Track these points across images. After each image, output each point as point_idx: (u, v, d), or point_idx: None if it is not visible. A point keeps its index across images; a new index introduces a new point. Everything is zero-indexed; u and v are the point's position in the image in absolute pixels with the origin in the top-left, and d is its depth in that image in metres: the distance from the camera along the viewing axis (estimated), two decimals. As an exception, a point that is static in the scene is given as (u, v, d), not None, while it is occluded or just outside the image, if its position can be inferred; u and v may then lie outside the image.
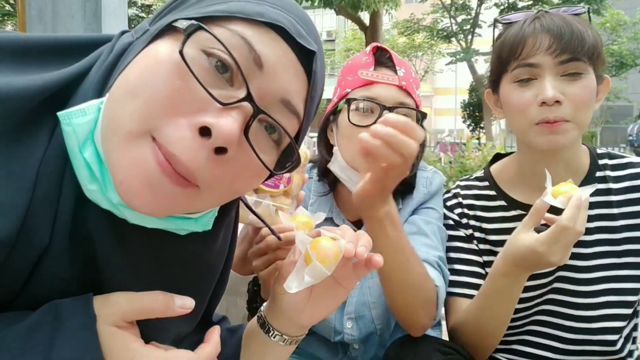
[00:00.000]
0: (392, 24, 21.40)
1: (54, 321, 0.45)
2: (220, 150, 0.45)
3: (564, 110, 0.98)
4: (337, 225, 1.18)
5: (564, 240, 0.87)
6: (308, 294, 0.65)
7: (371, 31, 10.42)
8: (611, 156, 1.16)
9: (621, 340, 1.12)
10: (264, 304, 0.72)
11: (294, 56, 0.50)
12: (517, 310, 1.17)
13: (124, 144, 0.44)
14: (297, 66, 0.51)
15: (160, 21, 0.50)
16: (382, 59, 1.13)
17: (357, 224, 1.19)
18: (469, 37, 19.74)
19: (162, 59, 0.45)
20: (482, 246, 1.19)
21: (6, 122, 0.44)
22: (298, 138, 0.55)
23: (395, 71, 1.12)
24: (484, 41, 20.36)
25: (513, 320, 1.19)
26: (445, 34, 20.44)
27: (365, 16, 10.54)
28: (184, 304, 0.51)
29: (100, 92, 0.49)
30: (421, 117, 1.14)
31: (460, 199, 1.23)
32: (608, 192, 1.12)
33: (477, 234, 1.19)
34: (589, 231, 1.10)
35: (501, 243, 1.17)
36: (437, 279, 1.03)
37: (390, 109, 1.07)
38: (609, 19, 18.50)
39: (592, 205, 1.10)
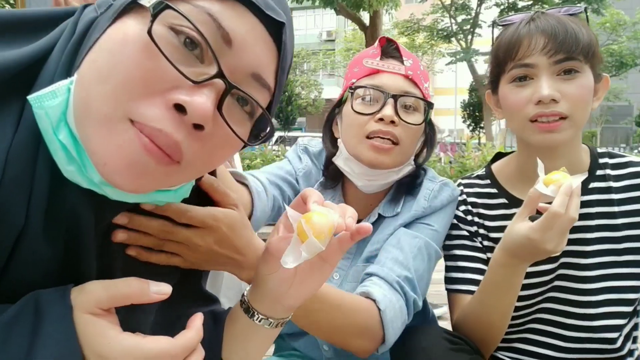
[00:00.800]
0: (392, 24, 21.42)
1: (34, 313, 0.45)
2: (197, 127, 0.46)
3: (561, 107, 1.00)
4: None
5: (557, 227, 0.87)
6: (294, 273, 0.63)
7: (371, 31, 10.43)
8: (611, 155, 1.17)
9: (621, 339, 1.13)
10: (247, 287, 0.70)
11: (263, 29, 0.51)
12: (518, 308, 1.18)
13: (104, 128, 0.44)
14: (267, 39, 0.51)
15: None
16: (389, 49, 1.12)
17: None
18: (469, 37, 19.75)
19: (131, 40, 0.45)
20: (485, 243, 1.20)
21: None
22: (270, 109, 0.55)
23: (402, 61, 1.10)
24: (484, 41, 20.37)
25: (514, 318, 1.20)
26: (445, 34, 20.46)
27: (365, 16, 10.55)
28: (159, 289, 0.49)
29: (68, 71, 0.48)
30: (428, 107, 1.12)
31: (464, 196, 1.24)
32: (609, 190, 1.13)
33: (480, 231, 1.20)
34: (589, 229, 1.12)
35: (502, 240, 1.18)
36: (383, 300, 0.93)
37: (395, 97, 1.06)
38: (609, 19, 18.53)
39: (593, 204, 1.12)
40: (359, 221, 0.62)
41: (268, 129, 0.55)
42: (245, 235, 0.71)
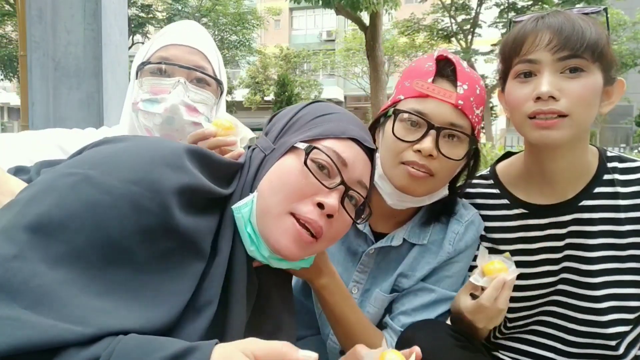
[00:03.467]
0: (392, 24, 21.40)
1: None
2: (329, 216, 0.78)
3: (560, 105, 0.97)
4: (360, 232, 1.19)
5: (485, 314, 0.98)
6: None
7: (371, 31, 10.42)
8: (622, 159, 1.13)
9: (624, 345, 1.12)
10: None
11: (362, 152, 0.84)
12: (521, 309, 1.18)
13: (275, 221, 0.77)
14: (365, 158, 0.85)
15: (281, 140, 0.84)
16: (445, 70, 1.06)
17: (379, 236, 1.18)
18: (469, 37, 19.73)
19: (293, 169, 0.78)
20: (484, 244, 1.19)
21: (201, 201, 0.73)
22: (366, 198, 0.86)
23: (456, 87, 1.03)
24: (483, 41, 20.35)
25: (517, 319, 1.20)
26: (445, 34, 20.43)
27: (365, 16, 10.53)
28: (306, 355, 0.59)
29: (250, 189, 0.80)
30: (470, 143, 1.05)
31: (464, 199, 1.23)
32: (615, 195, 1.10)
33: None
34: (592, 235, 1.10)
35: (502, 241, 1.17)
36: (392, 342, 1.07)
37: (439, 129, 1.01)
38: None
39: (597, 209, 1.10)
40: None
41: (366, 212, 0.87)
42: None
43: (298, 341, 1.24)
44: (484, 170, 1.28)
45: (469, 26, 19.77)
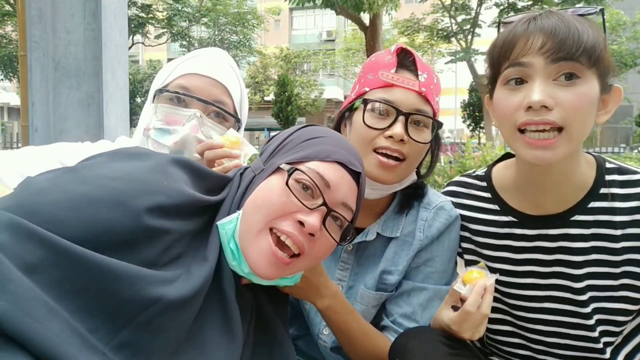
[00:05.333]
0: (392, 24, 21.40)
1: None
2: (311, 234, 0.79)
3: (553, 115, 0.90)
4: None
5: (471, 321, 0.97)
6: None
7: (371, 31, 10.41)
8: (621, 171, 1.04)
9: (620, 357, 1.10)
10: None
11: (348, 175, 0.85)
12: (513, 316, 1.17)
13: (254, 239, 0.79)
14: (351, 181, 0.85)
15: (270, 161, 0.86)
16: (406, 61, 1.11)
17: (359, 231, 1.18)
18: (469, 37, 19.73)
19: (276, 188, 0.80)
20: (465, 245, 1.18)
21: (192, 211, 0.79)
22: (352, 221, 0.88)
23: (417, 76, 1.09)
24: (483, 41, 20.32)
25: (507, 334, 1.19)
26: (445, 34, 20.43)
27: (365, 16, 10.53)
28: None
29: (238, 206, 0.83)
30: (437, 126, 1.11)
31: (451, 197, 1.21)
32: (612, 211, 1.02)
33: (462, 233, 1.19)
34: (582, 251, 1.05)
35: (486, 246, 1.15)
36: None
37: (406, 115, 1.06)
38: (609, 19, 18.50)
39: (590, 225, 1.04)
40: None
41: (351, 234, 0.88)
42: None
43: (293, 341, 1.24)
44: (479, 170, 1.24)
45: (469, 26, 19.77)
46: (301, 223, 0.78)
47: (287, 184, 0.79)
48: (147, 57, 29.61)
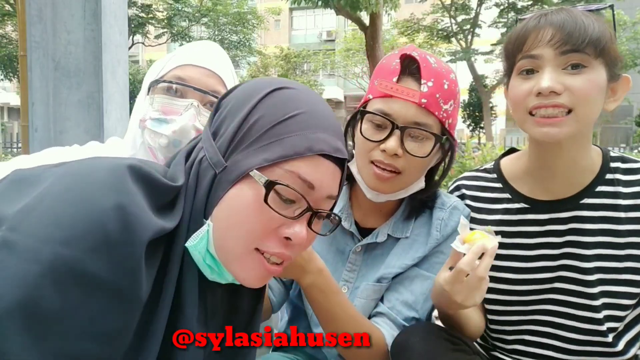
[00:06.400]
0: (392, 24, 21.40)
1: None
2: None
3: (562, 99, 0.98)
4: (347, 230, 1.19)
5: (465, 283, 0.92)
6: None
7: (371, 31, 10.41)
8: (624, 160, 1.14)
9: (622, 343, 1.12)
10: None
11: (332, 164, 0.72)
12: (516, 313, 1.18)
13: (240, 261, 0.70)
14: (335, 169, 0.73)
15: (233, 156, 0.69)
16: (410, 68, 1.06)
17: (365, 232, 1.18)
18: (469, 37, 19.74)
19: (252, 204, 0.67)
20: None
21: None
22: (333, 206, 0.78)
23: (420, 84, 1.03)
24: (483, 41, 20.36)
25: (513, 322, 1.20)
26: (445, 34, 20.44)
27: (365, 16, 10.53)
28: None
29: (204, 214, 0.69)
30: (435, 140, 1.04)
31: (463, 190, 1.25)
32: (616, 195, 1.10)
33: (474, 226, 1.19)
34: (591, 232, 1.11)
35: (500, 233, 1.17)
36: (390, 339, 1.05)
37: (403, 129, 1.03)
38: (608, 19, 18.48)
39: (597, 207, 1.11)
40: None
41: (336, 221, 0.78)
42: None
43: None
44: (487, 164, 1.29)
45: (468, 26, 19.78)
46: (287, 238, 0.70)
47: (265, 201, 0.66)
48: (147, 57, 29.60)
